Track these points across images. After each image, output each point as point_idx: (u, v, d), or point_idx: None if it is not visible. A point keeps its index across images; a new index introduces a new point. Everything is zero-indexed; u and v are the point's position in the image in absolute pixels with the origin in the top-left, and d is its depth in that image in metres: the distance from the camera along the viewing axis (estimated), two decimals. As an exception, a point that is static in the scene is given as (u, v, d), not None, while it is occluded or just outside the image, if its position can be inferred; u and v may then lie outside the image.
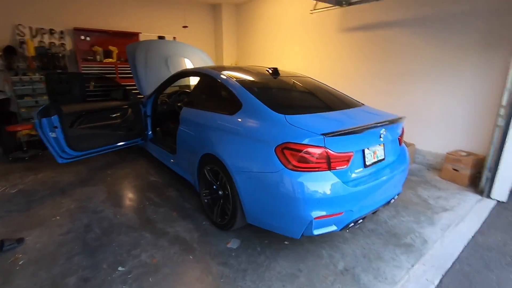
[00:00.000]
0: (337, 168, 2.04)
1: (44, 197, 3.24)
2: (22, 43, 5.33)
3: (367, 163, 2.27)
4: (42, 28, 5.56)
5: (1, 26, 5.20)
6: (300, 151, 1.97)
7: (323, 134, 1.97)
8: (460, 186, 3.75)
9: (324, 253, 2.38)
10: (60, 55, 5.55)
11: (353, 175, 2.17)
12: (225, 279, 2.07)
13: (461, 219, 2.94)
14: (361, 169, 2.24)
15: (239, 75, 2.92)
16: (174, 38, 7.29)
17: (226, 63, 8.00)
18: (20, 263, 2.21)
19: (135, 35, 6.53)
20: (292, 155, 1.99)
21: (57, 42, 5.73)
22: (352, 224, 2.22)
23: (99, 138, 3.51)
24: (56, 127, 3.03)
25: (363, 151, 2.25)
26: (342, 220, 2.12)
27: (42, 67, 5.34)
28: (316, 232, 2.07)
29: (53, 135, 3.04)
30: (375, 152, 2.36)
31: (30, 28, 5.46)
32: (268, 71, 3.10)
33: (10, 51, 5.22)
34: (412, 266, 2.26)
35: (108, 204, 3.10)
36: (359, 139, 2.16)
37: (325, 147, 1.98)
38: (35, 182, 3.63)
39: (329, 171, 2.02)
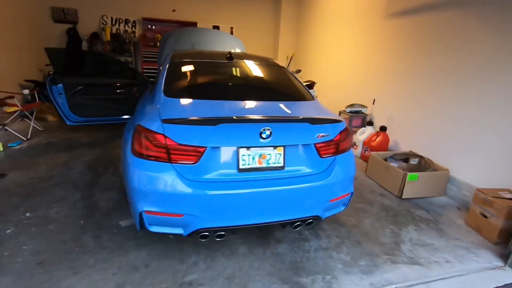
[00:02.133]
0: (179, 162, 1.74)
1: (52, 150, 4.02)
2: (103, 30, 6.63)
3: (242, 167, 1.83)
4: (120, 18, 6.76)
5: (92, 16, 6.60)
6: (141, 135, 1.78)
7: (164, 120, 1.71)
8: (484, 241, 2.53)
9: (187, 259, 2.07)
10: (127, 40, 6.63)
11: (210, 176, 1.79)
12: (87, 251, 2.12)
13: None
14: (233, 171, 1.83)
15: (189, 58, 2.77)
16: (232, 28, 7.55)
17: (282, 54, 7.73)
18: (-15, 191, 2.86)
19: (193, 24, 7.09)
20: (136, 139, 1.81)
21: (129, 30, 6.86)
22: (207, 234, 1.86)
23: (102, 108, 4.06)
24: (61, 93, 3.69)
25: (238, 150, 1.82)
26: (187, 224, 1.80)
27: (113, 50, 6.51)
28: (152, 229, 1.85)
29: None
30: (263, 156, 1.87)
31: (111, 18, 6.71)
32: (226, 55, 2.85)
33: (95, 37, 6.59)
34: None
35: (83, 165, 3.59)
36: (221, 133, 1.76)
37: (164, 135, 1.72)
38: (59, 139, 4.51)
39: (169, 164, 1.74)
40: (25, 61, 5.68)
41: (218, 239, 1.93)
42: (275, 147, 1.88)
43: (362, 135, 4.42)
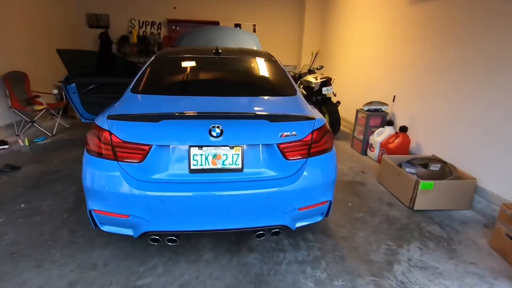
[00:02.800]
0: (125, 160, 1.65)
1: (70, 146, 4.29)
2: (130, 33, 6.97)
3: (193, 167, 1.68)
4: (146, 21, 7.05)
5: (122, 20, 6.99)
6: (92, 132, 1.73)
7: (109, 116, 1.64)
8: (508, 268, 2.04)
9: (148, 262, 1.97)
10: (152, 42, 6.89)
11: (159, 176, 1.68)
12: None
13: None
14: (184, 172, 1.69)
15: (173, 55, 2.70)
16: (254, 25, 7.43)
17: (306, 50, 7.36)
18: (-2, 181, 3.13)
19: (215, 23, 7.11)
20: (88, 135, 1.77)
21: (155, 32, 7.12)
22: (157, 237, 1.75)
23: (114, 107, 4.23)
24: (74, 92, 3.91)
25: (189, 149, 1.68)
26: (134, 226, 1.71)
27: (139, 51, 6.82)
28: (104, 228, 1.80)
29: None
30: (217, 156, 1.70)
31: (139, 21, 7.04)
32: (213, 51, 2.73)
33: (124, 39, 6.97)
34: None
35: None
36: (166, 130, 1.63)
37: (110, 132, 1.65)
38: (81, 136, 4.81)
39: (115, 162, 1.66)
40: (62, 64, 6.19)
41: (170, 244, 1.81)
42: (231, 147, 1.70)
43: (380, 136, 3.97)
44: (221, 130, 1.62)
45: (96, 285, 1.79)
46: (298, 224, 1.90)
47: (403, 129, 3.72)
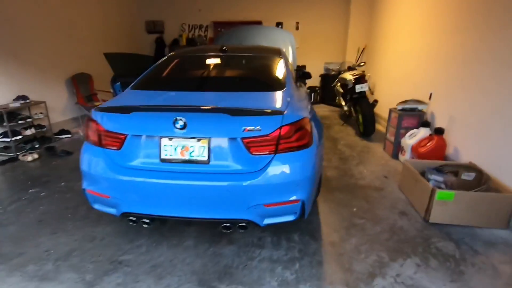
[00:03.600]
0: (107, 147, 1.86)
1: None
2: (180, 36, 7.58)
3: (164, 157, 1.81)
4: (195, 24, 7.58)
5: (174, 25, 7.65)
6: (87, 122, 2.00)
7: (97, 108, 1.88)
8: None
9: (136, 241, 2.18)
10: (199, 43, 7.36)
11: (134, 163, 1.84)
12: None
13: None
14: (155, 160, 1.83)
15: (182, 54, 2.90)
16: (297, 23, 7.34)
17: (351, 46, 6.95)
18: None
19: (258, 23, 7.24)
20: (85, 125, 2.04)
21: (202, 34, 7.60)
22: (134, 219, 1.93)
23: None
24: (119, 90, 4.48)
25: (160, 140, 1.81)
26: (115, 206, 1.92)
27: (187, 53, 7.37)
28: (95, 206, 2.05)
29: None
30: (185, 148, 1.80)
31: (188, 25, 7.60)
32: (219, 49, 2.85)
33: (175, 43, 7.62)
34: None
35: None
36: (136, 121, 1.78)
37: (96, 122, 1.88)
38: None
39: (101, 148, 1.90)
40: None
41: (144, 226, 1.97)
42: (199, 139, 1.77)
43: (412, 138, 3.54)
44: (185, 123, 1.70)
45: (88, 254, 2.07)
46: (267, 221, 1.87)
47: (439, 131, 3.25)
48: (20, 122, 4.13)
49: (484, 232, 2.32)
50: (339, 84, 5.69)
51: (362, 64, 5.88)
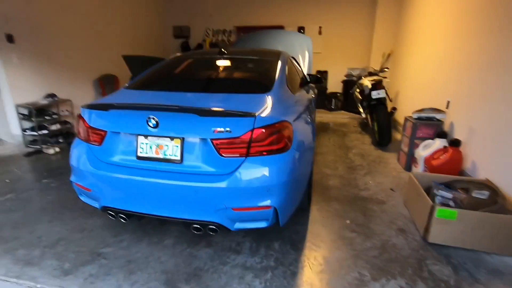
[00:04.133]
0: (91, 142, 1.95)
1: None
2: (204, 40, 7.80)
3: (140, 155, 1.85)
4: (219, 29, 7.76)
5: (199, 30, 7.91)
6: (77, 118, 2.11)
7: (84, 105, 1.98)
8: None
9: (120, 235, 2.25)
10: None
11: (114, 159, 1.90)
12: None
13: None
14: (132, 157, 1.88)
15: (183, 57, 2.98)
16: (320, 27, 7.21)
17: (376, 52, 6.64)
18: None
19: (280, 28, 7.21)
20: (76, 122, 2.16)
21: (225, 39, 7.75)
22: (113, 213, 1.98)
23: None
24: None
25: (137, 137, 1.85)
26: (96, 199, 2.00)
27: (210, 57, 7.55)
28: (81, 198, 2.15)
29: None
30: (160, 146, 1.82)
31: (212, 29, 7.80)
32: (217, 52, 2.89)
33: (199, 47, 7.86)
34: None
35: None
36: (114, 118, 1.84)
37: (83, 118, 1.98)
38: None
39: (86, 143, 1.99)
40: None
41: (122, 221, 2.02)
42: (172, 138, 1.79)
43: (426, 149, 3.26)
44: (157, 122, 1.73)
45: (74, 244, 2.17)
46: (238, 226, 1.82)
47: (455, 143, 2.96)
48: (47, 118, 4.51)
49: (493, 259, 2.05)
50: (358, 90, 5.46)
51: (386, 69, 5.58)
